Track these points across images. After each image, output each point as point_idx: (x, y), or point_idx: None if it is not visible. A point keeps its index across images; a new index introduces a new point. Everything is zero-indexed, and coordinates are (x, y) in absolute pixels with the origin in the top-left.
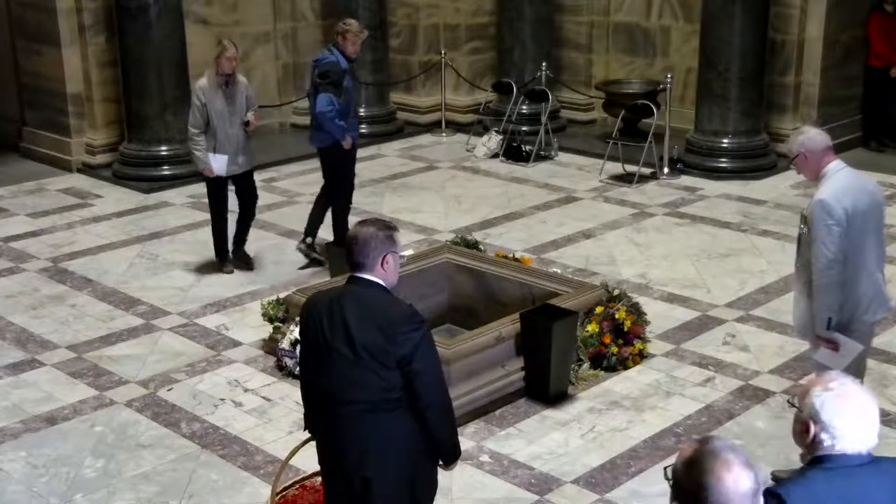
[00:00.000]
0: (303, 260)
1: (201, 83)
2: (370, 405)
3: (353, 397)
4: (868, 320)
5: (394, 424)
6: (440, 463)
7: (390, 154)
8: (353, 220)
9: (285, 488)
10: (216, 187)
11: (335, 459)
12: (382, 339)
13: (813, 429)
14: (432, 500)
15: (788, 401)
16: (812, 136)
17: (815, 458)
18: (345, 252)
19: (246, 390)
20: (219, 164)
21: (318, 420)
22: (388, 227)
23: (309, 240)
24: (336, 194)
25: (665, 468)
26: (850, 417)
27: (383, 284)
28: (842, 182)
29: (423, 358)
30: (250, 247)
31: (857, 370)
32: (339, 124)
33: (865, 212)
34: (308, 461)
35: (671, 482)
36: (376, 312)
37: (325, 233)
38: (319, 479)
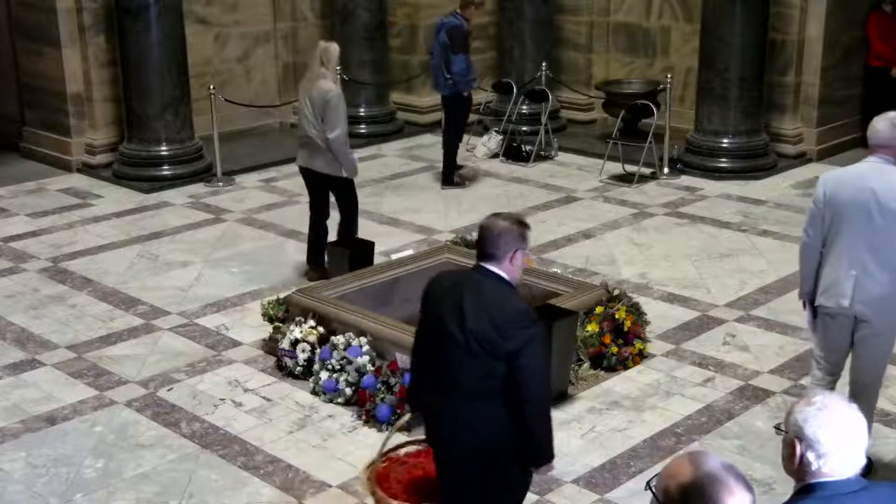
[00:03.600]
0: None
1: (339, 89)
2: (471, 390)
3: (457, 380)
4: (822, 303)
5: (489, 413)
6: (532, 468)
7: (390, 154)
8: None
9: (373, 462)
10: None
11: (435, 436)
12: (493, 331)
13: (798, 448)
14: (523, 496)
15: (776, 427)
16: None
17: (805, 487)
18: (476, 240)
19: (246, 390)
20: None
21: (423, 397)
22: (522, 224)
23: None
24: (453, 136)
25: (648, 482)
26: (833, 431)
27: (507, 279)
28: (845, 170)
29: (529, 355)
30: (246, 245)
31: (857, 376)
32: (469, 80)
33: (844, 204)
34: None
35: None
36: (492, 305)
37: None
38: (403, 450)
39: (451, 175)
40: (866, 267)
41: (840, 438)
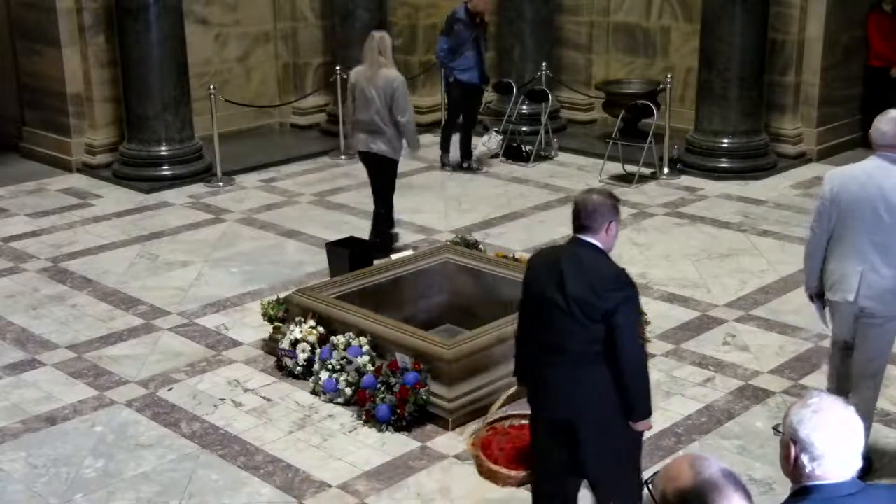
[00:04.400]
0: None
1: (401, 75)
2: (576, 355)
3: (562, 347)
4: (830, 298)
5: (594, 375)
6: (631, 422)
7: None
8: (356, 220)
9: (477, 431)
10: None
11: (544, 403)
12: (592, 294)
13: (793, 450)
14: (640, 451)
15: (774, 428)
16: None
17: (800, 490)
18: (572, 213)
19: (246, 390)
20: None
21: (529, 368)
22: (614, 198)
23: (466, 164)
24: (449, 121)
25: (646, 481)
26: (828, 434)
27: (602, 248)
28: (851, 167)
29: (625, 314)
30: (246, 245)
31: (860, 368)
32: (451, 67)
33: (851, 201)
34: None
35: None
36: (590, 271)
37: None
38: (507, 422)
39: (467, 156)
40: (872, 263)
41: (835, 441)
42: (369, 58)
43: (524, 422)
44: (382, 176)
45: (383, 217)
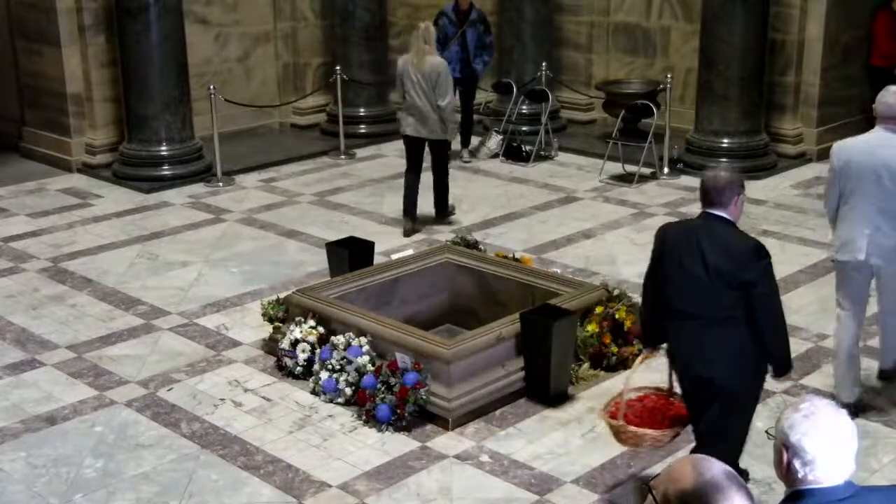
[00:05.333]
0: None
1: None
2: (712, 319)
3: (700, 312)
4: (839, 258)
5: (730, 336)
6: (770, 373)
7: (390, 154)
8: (356, 220)
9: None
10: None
11: (683, 363)
12: (732, 265)
13: (785, 455)
14: (756, 403)
15: (766, 432)
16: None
17: (793, 494)
18: (701, 191)
19: (246, 390)
20: None
21: (664, 330)
22: (739, 174)
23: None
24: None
25: (648, 483)
26: (819, 439)
27: (731, 220)
28: (855, 139)
29: (766, 285)
30: (246, 245)
31: (888, 309)
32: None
33: (857, 171)
34: None
35: None
36: (728, 243)
37: (329, 233)
38: (636, 393)
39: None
40: (878, 226)
41: (826, 446)
42: (415, 46)
43: (655, 393)
44: (438, 156)
45: (445, 188)
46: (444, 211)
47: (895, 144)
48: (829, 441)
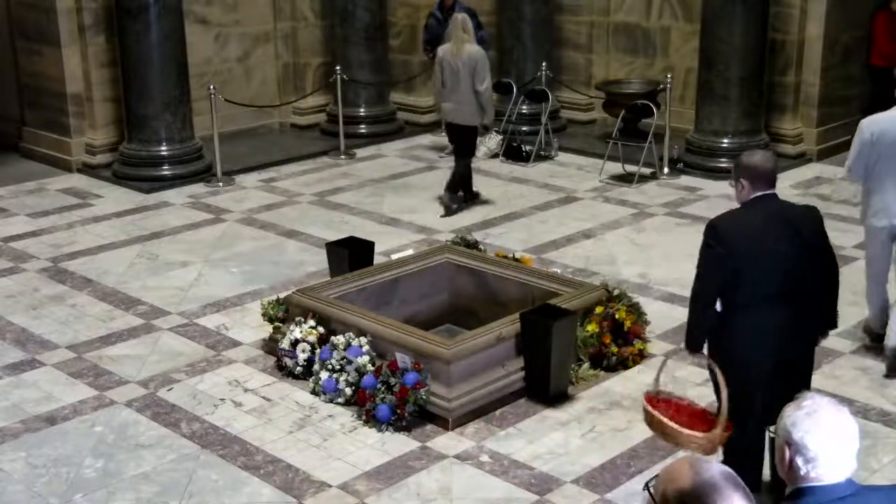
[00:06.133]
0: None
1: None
2: (801, 298)
3: (792, 291)
4: (874, 223)
5: (809, 311)
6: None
7: (390, 154)
8: (356, 220)
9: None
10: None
11: (769, 347)
12: (817, 233)
13: (787, 453)
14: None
15: (768, 429)
16: None
17: (794, 492)
18: (761, 174)
19: (246, 390)
20: None
21: (730, 328)
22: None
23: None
24: None
25: (647, 483)
26: (822, 436)
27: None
28: (885, 114)
29: (827, 237)
30: (246, 245)
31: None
32: (425, 53)
33: (889, 142)
34: None
35: None
36: (802, 216)
37: (326, 234)
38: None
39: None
40: None
41: (828, 443)
42: (455, 36)
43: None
44: (464, 140)
45: (463, 174)
46: (454, 196)
47: None
48: (831, 438)
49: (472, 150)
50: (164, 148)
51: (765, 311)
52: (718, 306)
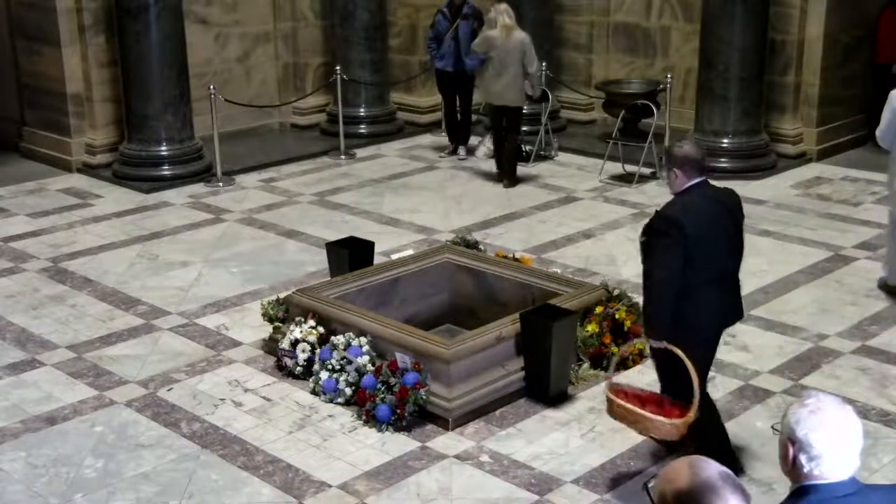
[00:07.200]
0: None
1: None
2: (736, 269)
3: (733, 268)
4: None
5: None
6: None
7: (390, 154)
8: (356, 220)
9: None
10: None
11: (718, 316)
12: (741, 214)
13: (791, 450)
14: None
15: (772, 427)
16: None
17: (797, 490)
18: (694, 163)
19: (246, 390)
20: None
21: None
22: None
23: (461, 150)
24: (451, 109)
25: (645, 483)
26: (826, 434)
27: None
28: None
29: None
30: (246, 245)
31: None
32: (430, 50)
33: None
34: None
35: None
36: (730, 199)
37: (325, 234)
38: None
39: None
40: None
41: (832, 441)
42: (500, 22)
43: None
44: (513, 120)
45: (518, 148)
46: (513, 175)
47: None
48: (835, 436)
49: (520, 126)
50: (164, 148)
51: (717, 285)
52: None
